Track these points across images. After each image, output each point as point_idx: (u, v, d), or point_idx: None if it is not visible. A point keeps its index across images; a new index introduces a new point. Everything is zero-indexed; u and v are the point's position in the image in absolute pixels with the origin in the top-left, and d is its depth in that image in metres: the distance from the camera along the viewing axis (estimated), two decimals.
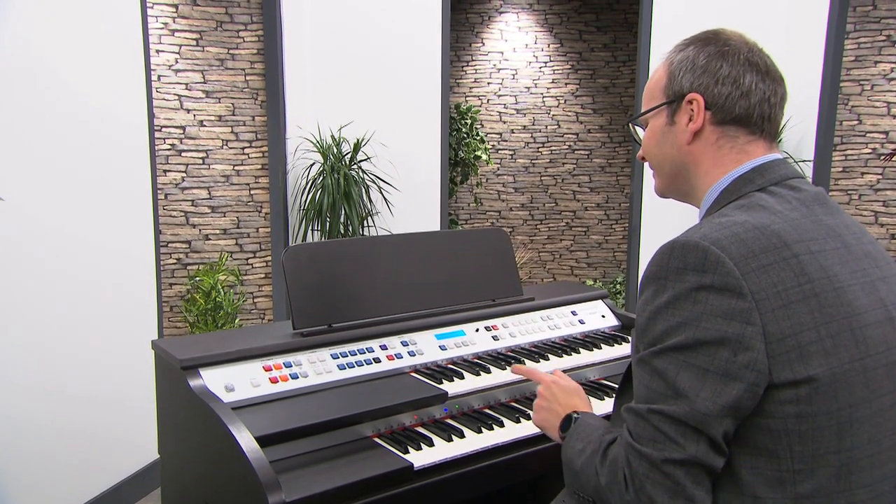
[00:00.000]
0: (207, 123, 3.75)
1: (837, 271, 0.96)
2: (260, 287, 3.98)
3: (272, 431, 1.32)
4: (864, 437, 0.93)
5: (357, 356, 1.61)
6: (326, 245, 1.72)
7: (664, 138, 1.12)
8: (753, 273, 0.91)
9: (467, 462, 1.40)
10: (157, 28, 3.56)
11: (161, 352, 1.54)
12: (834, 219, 1.03)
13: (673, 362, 0.92)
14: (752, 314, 0.90)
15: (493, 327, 1.84)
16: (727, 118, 1.06)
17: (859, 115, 4.05)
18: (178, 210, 3.76)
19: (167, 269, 3.75)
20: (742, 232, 0.95)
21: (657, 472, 0.91)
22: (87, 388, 2.50)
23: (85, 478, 2.51)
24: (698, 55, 1.08)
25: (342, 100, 3.99)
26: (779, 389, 0.90)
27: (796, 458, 0.91)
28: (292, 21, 3.84)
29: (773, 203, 1.01)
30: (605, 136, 6.44)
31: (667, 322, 0.94)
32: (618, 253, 6.57)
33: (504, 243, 1.97)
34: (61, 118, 2.35)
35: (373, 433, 1.45)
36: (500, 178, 6.46)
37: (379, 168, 3.95)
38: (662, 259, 0.97)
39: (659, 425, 0.92)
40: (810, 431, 0.91)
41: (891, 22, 3.93)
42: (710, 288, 0.91)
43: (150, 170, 2.84)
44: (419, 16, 4.00)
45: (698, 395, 0.90)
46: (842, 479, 0.92)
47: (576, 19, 6.28)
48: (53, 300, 2.34)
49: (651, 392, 0.94)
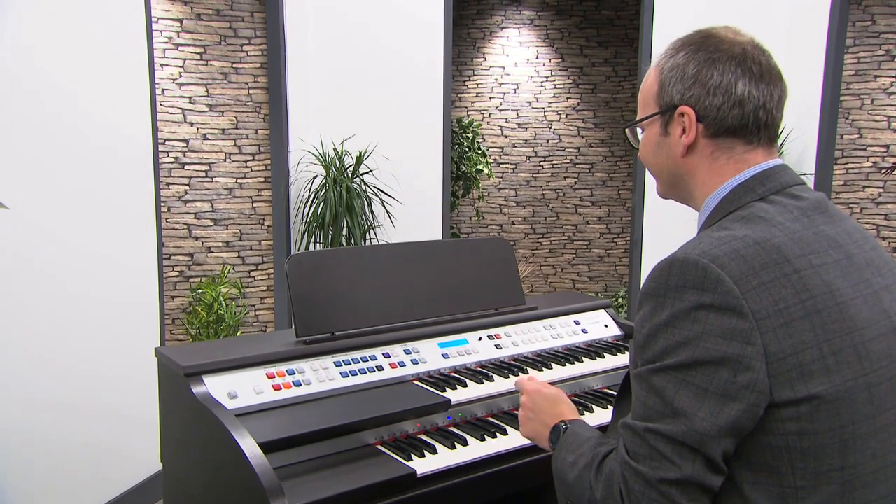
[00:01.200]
0: (211, 137, 3.77)
1: (840, 285, 0.95)
2: (262, 300, 3.99)
3: (275, 438, 1.33)
4: (868, 454, 0.92)
5: (360, 364, 1.61)
6: (329, 253, 1.73)
7: (659, 148, 1.11)
8: (754, 291, 0.90)
9: (470, 469, 1.40)
10: (162, 42, 3.60)
11: (164, 359, 1.54)
12: (835, 227, 1.02)
13: (672, 381, 0.91)
14: (753, 334, 0.89)
15: (496, 336, 1.85)
16: (721, 130, 1.04)
17: (860, 128, 4.07)
18: (181, 223, 3.77)
19: (170, 282, 3.76)
20: (742, 248, 0.93)
21: (653, 490, 0.90)
22: (90, 399, 2.49)
23: (87, 489, 2.50)
24: (688, 63, 1.05)
25: (344, 113, 4.02)
26: (779, 408, 0.89)
27: (798, 474, 0.90)
28: (295, 35, 3.88)
29: (774, 214, 0.99)
30: (606, 150, 6.47)
31: (666, 341, 0.93)
32: (619, 267, 6.57)
33: (506, 252, 1.97)
34: (67, 131, 2.37)
35: (376, 441, 1.45)
36: (502, 191, 6.48)
37: (381, 181, 3.97)
38: (661, 276, 0.95)
39: (655, 444, 0.90)
40: (812, 448, 0.89)
41: (890, 37, 3.96)
42: (710, 307, 0.90)
43: (153, 182, 2.86)
44: (421, 31, 4.04)
45: (696, 415, 0.89)
46: (846, 495, 0.91)
47: (577, 35, 6.34)
48: (57, 311, 2.34)
49: (648, 409, 0.93)
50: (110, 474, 2.61)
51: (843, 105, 4.04)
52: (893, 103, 4.01)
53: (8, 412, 2.15)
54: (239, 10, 3.76)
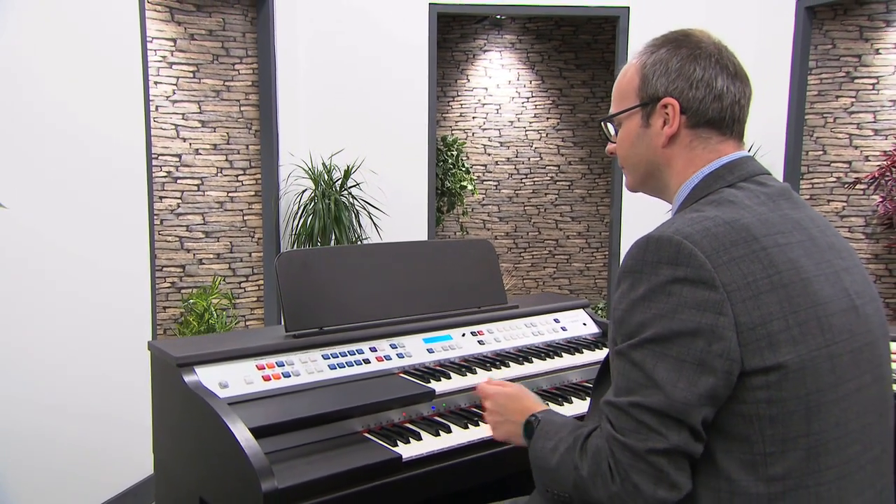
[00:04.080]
0: (203, 152, 3.78)
1: (804, 263, 0.98)
2: (252, 310, 3.98)
3: (266, 423, 1.33)
4: (831, 421, 0.94)
5: (347, 357, 1.62)
6: (319, 252, 1.75)
7: (639, 140, 1.13)
8: (725, 266, 0.93)
9: (454, 455, 1.41)
10: (156, 61, 3.62)
11: (157, 352, 1.55)
12: (799, 213, 1.05)
13: (650, 354, 0.93)
14: (725, 305, 0.91)
15: (479, 332, 1.86)
16: (701, 121, 1.07)
17: (824, 145, 4.17)
18: (173, 235, 3.77)
19: (162, 293, 3.74)
20: (713, 226, 0.96)
21: (641, 461, 0.91)
22: (84, 403, 2.47)
23: (80, 492, 2.46)
24: (671, 58, 1.08)
25: (333, 129, 4.05)
26: (750, 376, 0.91)
27: (768, 441, 0.92)
28: (286, 55, 3.92)
29: (742, 198, 1.02)
30: (585, 167, 6.56)
31: (643, 314, 0.95)
32: (598, 280, 6.62)
33: (489, 254, 2.00)
34: (66, 146, 2.39)
35: (363, 428, 1.46)
36: (486, 207, 6.53)
37: (368, 194, 4.00)
38: (638, 253, 0.98)
39: (640, 417, 0.92)
40: (780, 416, 0.92)
41: (849, 60, 4.08)
42: (684, 280, 0.93)
43: (147, 196, 2.86)
44: (407, 53, 4.10)
45: (676, 386, 0.91)
46: (811, 460, 0.93)
47: (556, 58, 6.45)
48: (53, 318, 2.34)
49: (630, 383, 0.95)
50: (103, 477, 2.58)
51: (807, 123, 4.14)
52: (854, 122, 4.11)
53: (6, 414, 2.13)
54: (231, 31, 3.80)
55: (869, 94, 4.09)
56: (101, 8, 2.56)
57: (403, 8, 4.08)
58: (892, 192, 3.87)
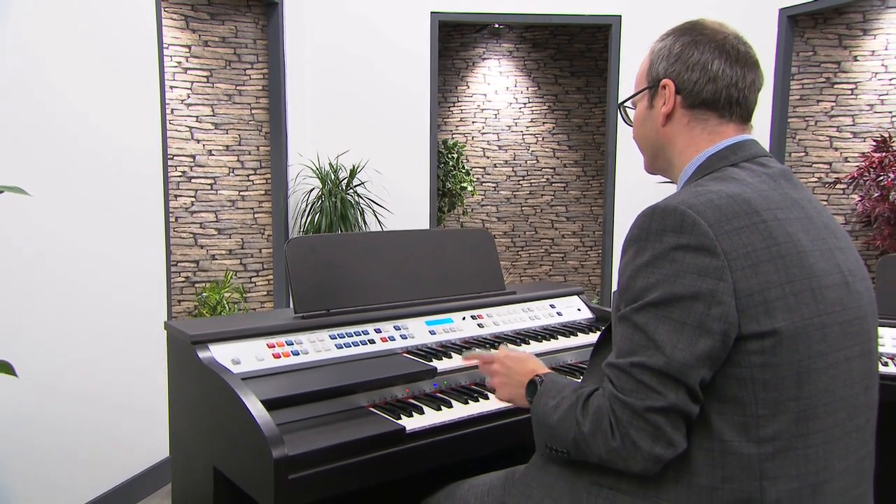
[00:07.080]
0: (216, 152, 3.80)
1: (801, 238, 0.99)
2: (262, 303, 3.98)
3: (276, 396, 1.33)
4: (820, 387, 0.95)
5: (353, 337, 1.63)
6: (327, 238, 1.75)
7: (645, 121, 1.15)
8: (726, 235, 0.93)
9: (455, 428, 1.41)
10: (172, 66, 3.64)
11: (172, 331, 1.55)
12: (798, 193, 1.06)
13: (652, 317, 0.94)
14: (724, 272, 0.92)
15: (479, 316, 1.87)
16: (696, 102, 1.08)
17: (806, 147, 4.18)
18: (188, 232, 3.78)
19: (176, 287, 3.75)
20: (716, 199, 0.97)
21: (640, 419, 0.92)
22: (101, 389, 2.48)
23: (96, 474, 2.47)
24: (675, 44, 1.10)
25: (339, 132, 4.06)
26: (746, 341, 0.92)
27: (760, 404, 0.92)
28: (294, 61, 3.93)
29: (745, 176, 1.03)
30: (579, 170, 6.57)
31: (647, 279, 0.95)
32: (592, 277, 6.63)
33: (488, 243, 2.00)
34: (87, 150, 2.40)
35: (368, 403, 1.46)
36: (484, 208, 6.54)
37: (373, 193, 4.01)
38: (644, 222, 0.98)
39: (641, 377, 0.93)
40: (773, 380, 0.92)
41: (829, 66, 4.10)
42: (687, 247, 0.93)
43: (162, 195, 2.87)
44: (410, 61, 4.12)
45: (676, 347, 0.91)
46: (800, 423, 0.94)
47: (552, 65, 6.46)
48: (77, 311, 2.36)
49: (633, 344, 0.95)
50: (119, 460, 2.59)
51: (790, 126, 4.15)
52: (834, 125, 4.13)
53: (31, 401, 2.14)
54: (243, 38, 3.81)
55: (848, 98, 4.11)
56: (121, 17, 2.58)
57: (406, 17, 4.10)
58: (871, 191, 3.88)
